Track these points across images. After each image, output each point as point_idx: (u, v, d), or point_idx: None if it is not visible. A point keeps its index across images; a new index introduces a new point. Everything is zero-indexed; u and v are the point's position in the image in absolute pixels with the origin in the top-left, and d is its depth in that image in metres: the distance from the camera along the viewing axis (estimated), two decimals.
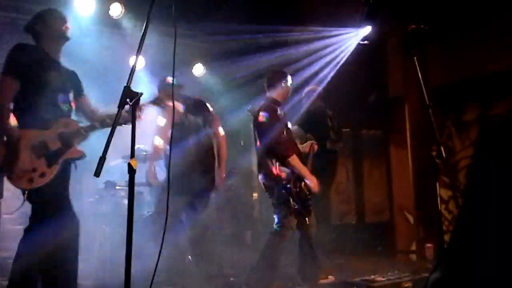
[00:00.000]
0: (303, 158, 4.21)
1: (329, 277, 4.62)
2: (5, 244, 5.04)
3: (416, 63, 3.26)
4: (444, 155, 3.07)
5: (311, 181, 4.07)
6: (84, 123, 3.15)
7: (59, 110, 2.99)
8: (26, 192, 2.84)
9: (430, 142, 5.70)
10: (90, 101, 3.25)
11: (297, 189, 4.03)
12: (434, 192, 5.61)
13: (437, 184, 3.27)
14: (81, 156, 2.99)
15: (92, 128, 3.02)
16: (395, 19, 5.69)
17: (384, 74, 6.77)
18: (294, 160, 4.04)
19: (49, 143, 2.85)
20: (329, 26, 5.73)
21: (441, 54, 6.05)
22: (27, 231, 2.92)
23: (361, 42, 5.58)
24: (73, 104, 3.11)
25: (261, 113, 4.17)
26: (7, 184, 3.06)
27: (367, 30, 5.48)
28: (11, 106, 2.91)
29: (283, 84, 4.30)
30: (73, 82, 3.17)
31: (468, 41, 5.74)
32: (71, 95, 3.10)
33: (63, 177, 2.92)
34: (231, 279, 4.76)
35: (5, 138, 2.82)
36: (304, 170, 4.08)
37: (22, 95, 2.92)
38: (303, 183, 4.08)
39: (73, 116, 3.16)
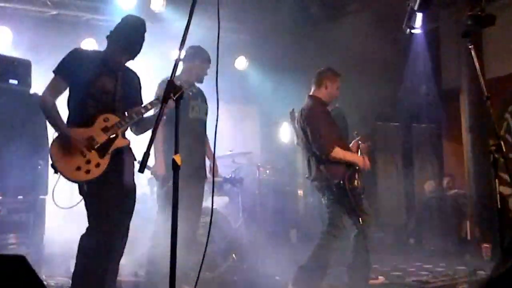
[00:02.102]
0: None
1: (380, 277, 4.58)
2: (51, 240, 5.12)
3: (473, 52, 3.06)
4: (504, 150, 2.91)
5: (360, 162, 4.01)
6: None
7: (101, 107, 3.14)
8: (85, 185, 3.03)
9: (487, 136, 5.47)
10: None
11: (351, 186, 3.94)
12: (491, 189, 5.34)
13: (497, 181, 3.01)
14: (127, 144, 3.18)
15: (130, 118, 3.16)
16: (449, 5, 5.42)
17: (437, 65, 6.50)
18: (338, 152, 3.95)
19: (96, 137, 3.04)
20: None
21: (499, 42, 5.74)
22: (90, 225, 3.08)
23: (413, 31, 5.33)
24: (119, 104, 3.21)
25: (304, 113, 4.12)
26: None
27: (419, 17, 5.21)
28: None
29: (331, 84, 4.19)
30: (128, 91, 3.29)
31: None
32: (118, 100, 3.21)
33: (117, 166, 3.09)
34: (276, 278, 4.66)
35: (55, 135, 3.04)
36: (350, 156, 4.01)
37: (70, 96, 3.18)
38: (356, 181, 3.97)
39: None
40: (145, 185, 5.19)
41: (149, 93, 3.68)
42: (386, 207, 6.79)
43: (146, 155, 2.54)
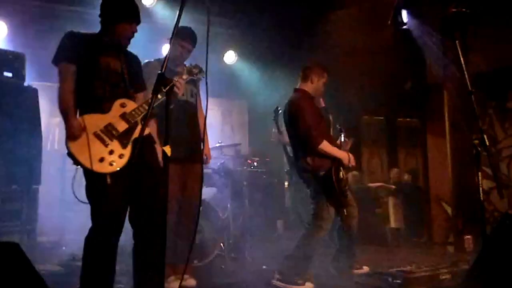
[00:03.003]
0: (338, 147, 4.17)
1: (364, 267, 4.58)
2: (44, 229, 5.18)
3: (458, 47, 3.10)
4: (487, 144, 2.95)
5: (345, 158, 4.04)
6: None
7: (115, 92, 2.93)
8: (109, 177, 2.73)
9: (470, 130, 5.57)
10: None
11: (337, 177, 3.99)
12: (474, 182, 5.45)
13: (480, 174, 3.10)
14: (149, 133, 2.94)
15: (148, 103, 2.85)
16: (434, 1, 5.50)
17: (422, 59, 6.58)
18: (325, 146, 4.01)
19: (116, 125, 2.82)
20: None
21: (482, 39, 5.82)
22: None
23: (399, 27, 5.42)
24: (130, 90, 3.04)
25: (292, 105, 4.16)
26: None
27: (404, 13, 5.31)
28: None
29: (317, 79, 4.24)
30: (134, 72, 3.08)
31: None
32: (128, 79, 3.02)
33: (138, 157, 2.79)
34: (264, 267, 4.75)
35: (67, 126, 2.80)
36: (336, 152, 4.05)
37: (79, 82, 2.90)
38: (341, 173, 4.04)
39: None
40: None
41: None
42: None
43: (138, 146, 2.63)
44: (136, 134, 2.84)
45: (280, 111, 4.56)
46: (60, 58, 2.88)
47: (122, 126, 2.82)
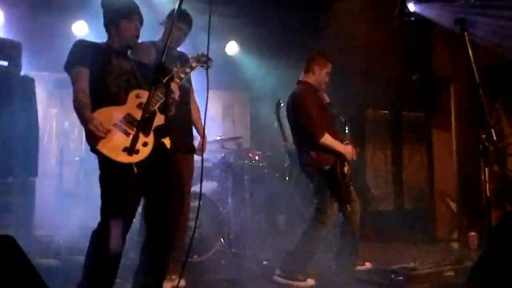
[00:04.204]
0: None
1: (366, 264, 4.56)
2: (41, 222, 5.13)
3: (467, 39, 3.03)
4: (494, 138, 2.91)
5: (346, 151, 4.01)
6: None
7: (129, 86, 2.93)
8: (135, 166, 2.70)
9: (477, 125, 5.49)
10: None
11: (342, 172, 3.96)
12: (479, 178, 5.38)
13: (486, 170, 3.02)
14: (164, 122, 2.85)
15: (163, 93, 2.84)
16: None
17: (428, 52, 6.49)
18: (327, 139, 3.96)
19: (134, 115, 2.79)
20: None
21: (491, 31, 5.73)
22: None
23: (406, 18, 5.32)
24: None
25: (294, 97, 4.12)
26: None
27: (411, 5, 5.21)
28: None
29: (320, 70, 4.18)
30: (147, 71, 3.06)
31: None
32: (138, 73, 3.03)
33: (160, 149, 2.82)
34: (264, 262, 4.71)
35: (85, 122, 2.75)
36: (338, 145, 4.00)
37: (92, 83, 2.91)
38: (346, 168, 4.01)
39: None
40: None
41: None
42: (374, 195, 6.84)
43: (136, 137, 2.55)
44: (157, 122, 2.82)
45: (282, 105, 4.50)
46: (71, 63, 2.89)
47: (139, 115, 2.72)
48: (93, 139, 2.66)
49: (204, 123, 3.25)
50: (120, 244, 2.75)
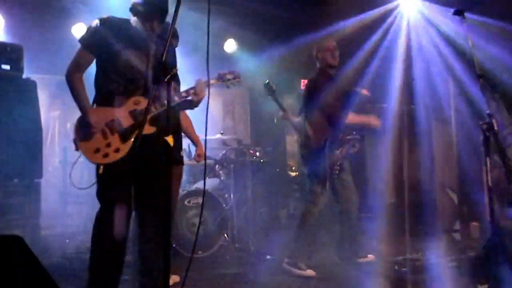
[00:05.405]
0: None
1: (369, 255, 4.60)
2: (47, 223, 5.18)
3: (466, 30, 3.04)
4: (495, 128, 2.92)
5: (370, 121, 4.34)
6: None
7: (132, 88, 2.92)
8: (101, 167, 2.86)
9: (476, 115, 5.51)
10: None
11: (330, 154, 4.17)
12: (481, 169, 5.38)
13: (488, 160, 3.04)
14: (153, 132, 2.89)
15: (161, 106, 2.86)
16: None
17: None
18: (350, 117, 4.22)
19: (122, 120, 2.87)
20: None
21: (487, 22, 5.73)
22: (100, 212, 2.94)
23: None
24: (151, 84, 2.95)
25: (307, 84, 4.42)
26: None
27: None
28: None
29: (321, 54, 4.39)
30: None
31: None
32: (150, 74, 2.96)
33: (137, 154, 2.84)
34: (267, 256, 4.74)
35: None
36: (358, 118, 4.29)
37: (97, 71, 2.97)
38: (337, 150, 4.21)
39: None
40: None
41: None
42: (374, 188, 6.84)
43: (140, 131, 2.59)
44: (140, 132, 2.76)
45: (274, 88, 4.56)
46: (82, 42, 2.94)
47: (128, 122, 2.87)
48: (76, 132, 2.86)
49: (206, 122, 3.29)
50: (120, 230, 2.81)
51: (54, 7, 5.76)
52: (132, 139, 2.86)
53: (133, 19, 2.97)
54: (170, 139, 2.22)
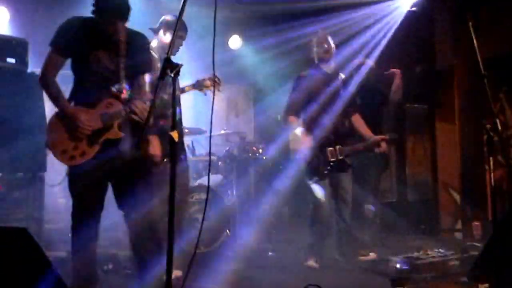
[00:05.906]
0: None
1: (370, 254, 4.63)
2: (50, 216, 5.18)
3: (471, 29, 3.02)
4: (499, 129, 2.92)
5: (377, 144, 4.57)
6: None
7: (101, 82, 2.94)
8: (68, 169, 3.02)
9: (480, 115, 5.50)
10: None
11: (319, 152, 4.27)
12: (483, 169, 5.37)
13: (491, 159, 3.03)
14: (119, 137, 2.95)
15: (132, 112, 2.91)
16: None
17: (431, 43, 6.47)
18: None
19: (92, 122, 2.89)
20: None
21: (494, 21, 5.71)
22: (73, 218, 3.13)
23: (410, 9, 5.30)
24: (126, 86, 3.02)
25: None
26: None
27: None
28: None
29: (316, 47, 4.47)
30: (135, 61, 3.02)
31: None
32: (123, 74, 2.98)
33: (104, 158, 2.92)
34: (269, 253, 4.75)
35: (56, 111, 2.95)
36: (366, 144, 4.54)
37: (73, 73, 3.01)
38: (329, 149, 4.27)
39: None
40: None
41: None
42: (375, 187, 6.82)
43: (142, 135, 2.61)
44: (106, 136, 2.92)
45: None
46: (52, 44, 2.97)
47: (96, 124, 2.89)
48: (49, 131, 2.93)
49: (211, 120, 3.30)
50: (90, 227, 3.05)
51: (59, 1, 5.76)
52: (99, 143, 2.90)
53: (100, 20, 2.97)
54: (175, 134, 2.22)
